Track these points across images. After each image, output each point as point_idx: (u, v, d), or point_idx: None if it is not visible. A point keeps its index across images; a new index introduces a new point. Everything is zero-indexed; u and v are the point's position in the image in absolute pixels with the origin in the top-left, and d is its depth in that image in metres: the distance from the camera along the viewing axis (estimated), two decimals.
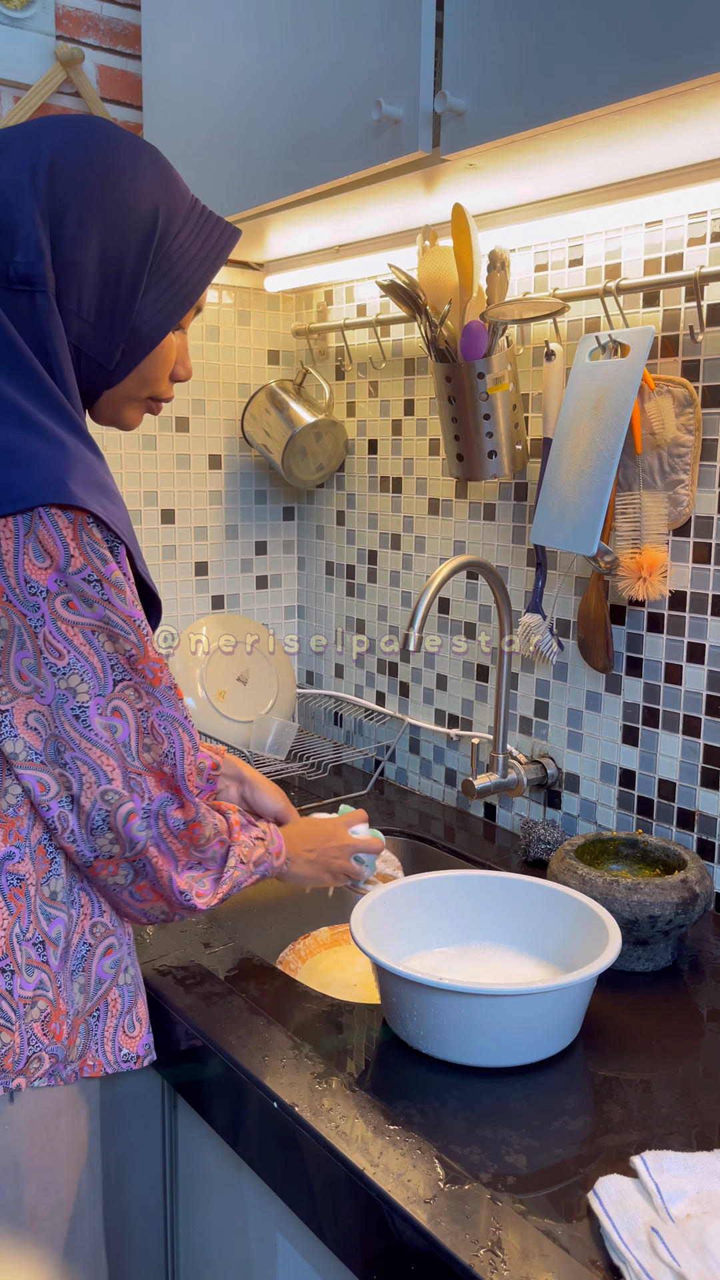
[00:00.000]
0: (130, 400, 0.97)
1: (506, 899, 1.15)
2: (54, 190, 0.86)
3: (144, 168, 0.90)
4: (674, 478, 1.29)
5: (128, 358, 0.93)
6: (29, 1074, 0.88)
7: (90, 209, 0.87)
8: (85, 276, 0.88)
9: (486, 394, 1.40)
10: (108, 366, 0.92)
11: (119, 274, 0.89)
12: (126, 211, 0.89)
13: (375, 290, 1.76)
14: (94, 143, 0.89)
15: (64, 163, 0.87)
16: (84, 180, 0.87)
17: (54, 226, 0.86)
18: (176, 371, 0.99)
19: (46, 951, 0.90)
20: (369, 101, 1.18)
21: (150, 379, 0.96)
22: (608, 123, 1.00)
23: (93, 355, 0.91)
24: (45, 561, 0.82)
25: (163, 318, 0.93)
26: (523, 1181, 0.81)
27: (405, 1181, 0.81)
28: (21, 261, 0.85)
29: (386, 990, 1.01)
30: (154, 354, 0.94)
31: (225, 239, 0.96)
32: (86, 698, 0.85)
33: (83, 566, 0.83)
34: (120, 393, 0.95)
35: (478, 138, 1.08)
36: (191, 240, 0.93)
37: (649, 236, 1.32)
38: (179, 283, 0.93)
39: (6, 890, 0.87)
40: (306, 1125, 0.88)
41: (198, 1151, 1.11)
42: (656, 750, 1.37)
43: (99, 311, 0.89)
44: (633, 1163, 0.81)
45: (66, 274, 0.87)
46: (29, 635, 0.83)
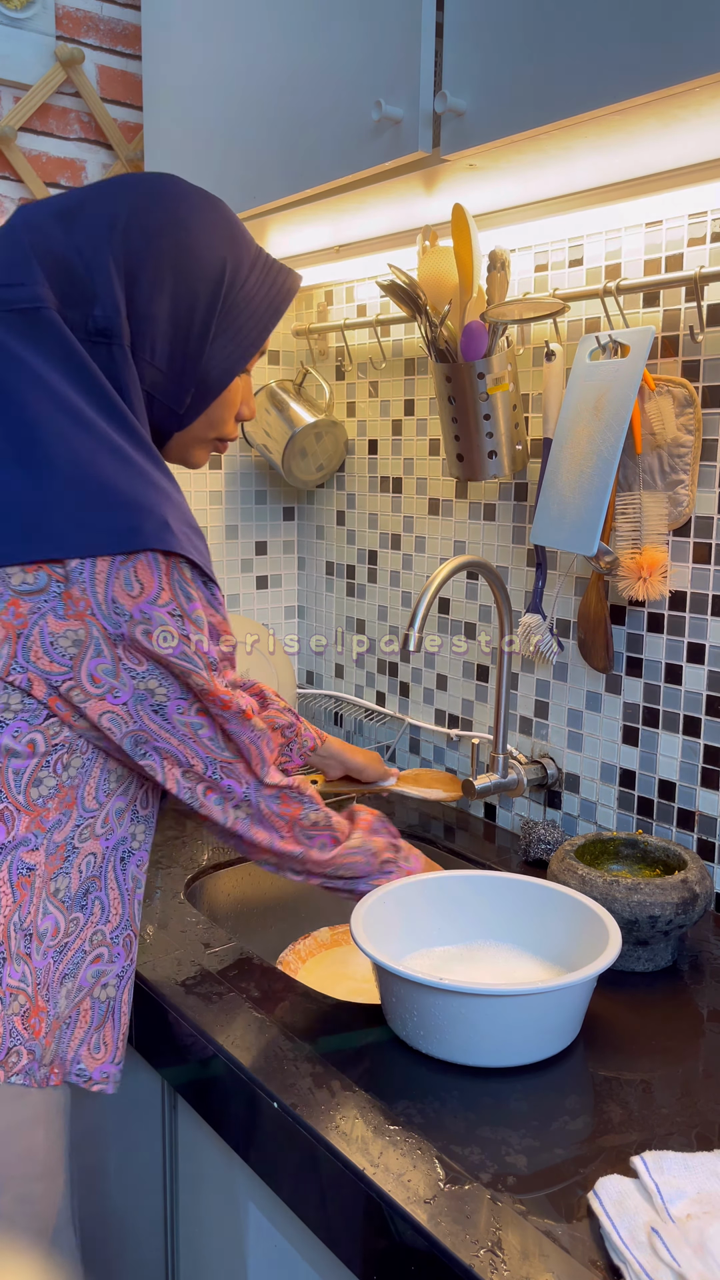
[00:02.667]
0: (198, 441, 1.02)
1: (507, 899, 1.15)
2: (129, 249, 0.92)
3: (211, 222, 0.96)
4: (674, 478, 1.29)
5: (197, 402, 0.98)
6: (7, 1067, 0.89)
7: (163, 265, 0.93)
8: (158, 328, 0.93)
9: (486, 394, 1.39)
10: (178, 411, 0.97)
11: (189, 324, 0.95)
12: (196, 265, 0.94)
13: (375, 290, 1.76)
14: (165, 201, 0.94)
15: (138, 222, 0.92)
16: (157, 238, 0.93)
17: (129, 283, 0.92)
18: (241, 411, 1.04)
19: (32, 945, 0.91)
20: (369, 102, 1.18)
21: (217, 421, 1.02)
22: (608, 123, 1.00)
23: (164, 400, 0.96)
24: (135, 590, 0.87)
25: (230, 363, 0.98)
26: (523, 1182, 0.81)
27: (405, 1181, 0.81)
28: (100, 315, 0.91)
29: (386, 990, 1.01)
30: (221, 397, 1.00)
31: (288, 285, 1.01)
32: (165, 699, 0.91)
33: (169, 601, 0.88)
34: (189, 435, 1.01)
35: (478, 138, 1.08)
36: (256, 288, 0.98)
37: (649, 236, 1.32)
38: (245, 330, 0.97)
39: (15, 877, 0.90)
40: (306, 1125, 0.88)
41: (198, 1151, 1.11)
42: (656, 750, 1.37)
43: (170, 360, 0.95)
44: (633, 1163, 0.81)
45: (141, 326, 0.92)
46: (108, 644, 0.88)
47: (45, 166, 1.70)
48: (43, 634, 0.86)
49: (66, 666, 0.88)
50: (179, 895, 1.32)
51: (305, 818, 1.03)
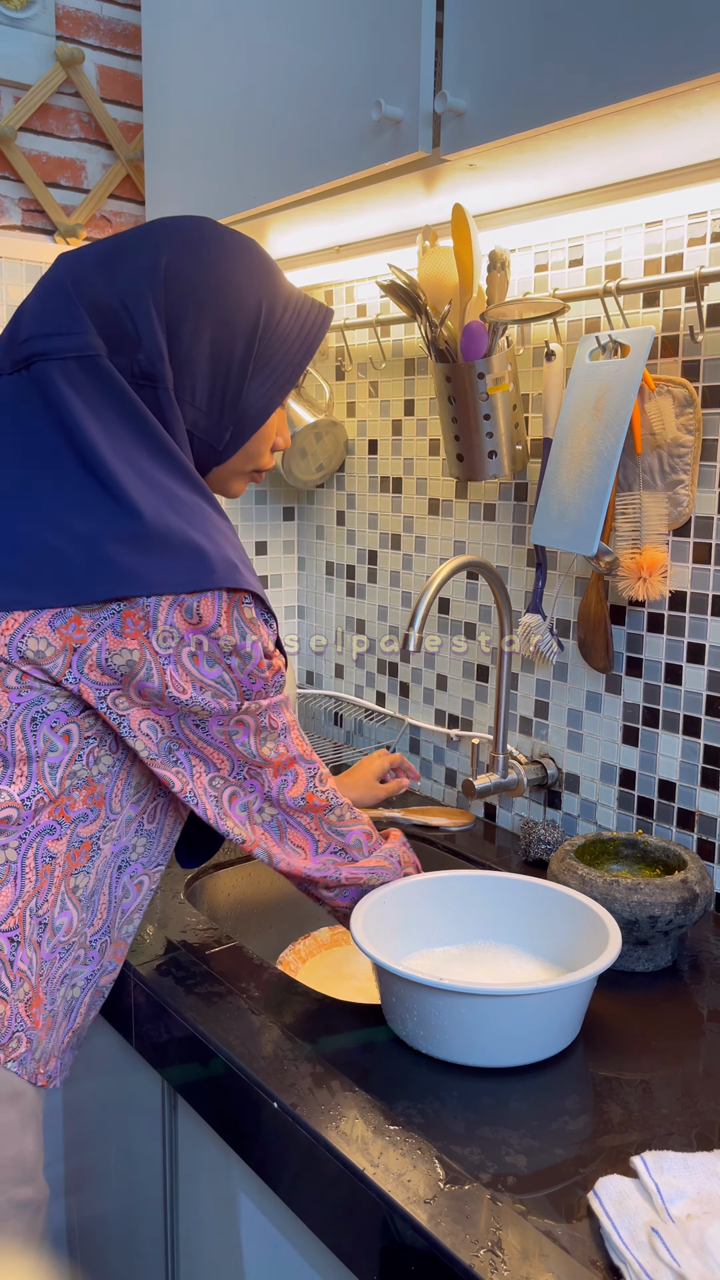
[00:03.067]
0: (236, 474, 1.06)
1: (506, 899, 1.15)
2: (170, 298, 0.95)
3: (248, 266, 0.99)
4: (674, 478, 1.29)
5: (236, 438, 1.01)
6: (7, 1051, 0.91)
7: (203, 312, 0.96)
8: (199, 371, 0.96)
9: (486, 394, 1.39)
10: (218, 447, 1.01)
11: (228, 366, 0.98)
12: (233, 309, 0.97)
13: (375, 290, 1.76)
14: (202, 248, 0.97)
15: (177, 271, 0.95)
16: (195, 286, 0.96)
17: (170, 330, 0.95)
18: (276, 442, 1.07)
19: (44, 935, 0.94)
20: (369, 102, 1.18)
21: (255, 454, 1.05)
22: (608, 123, 1.00)
23: (205, 438, 0.99)
24: (194, 619, 0.90)
25: (267, 400, 1.01)
26: (523, 1182, 0.81)
27: (405, 1182, 0.81)
28: (144, 360, 0.94)
29: (386, 990, 1.01)
30: (259, 432, 1.03)
31: (321, 321, 1.04)
32: (206, 717, 0.94)
33: (225, 635, 0.92)
34: (228, 468, 1.04)
35: (478, 138, 1.08)
36: (290, 327, 1.01)
37: (649, 237, 1.32)
38: (281, 368, 1.01)
39: (39, 863, 0.93)
40: (306, 1125, 0.88)
41: (198, 1151, 1.11)
42: (656, 750, 1.37)
43: (210, 400, 0.98)
44: (633, 1163, 0.81)
45: (182, 370, 0.96)
46: (158, 671, 0.90)
47: (45, 166, 1.70)
48: (100, 650, 0.89)
49: (117, 680, 0.91)
50: (179, 895, 1.32)
51: (331, 812, 1.05)
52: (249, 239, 1.01)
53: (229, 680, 0.93)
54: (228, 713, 0.95)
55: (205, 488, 0.95)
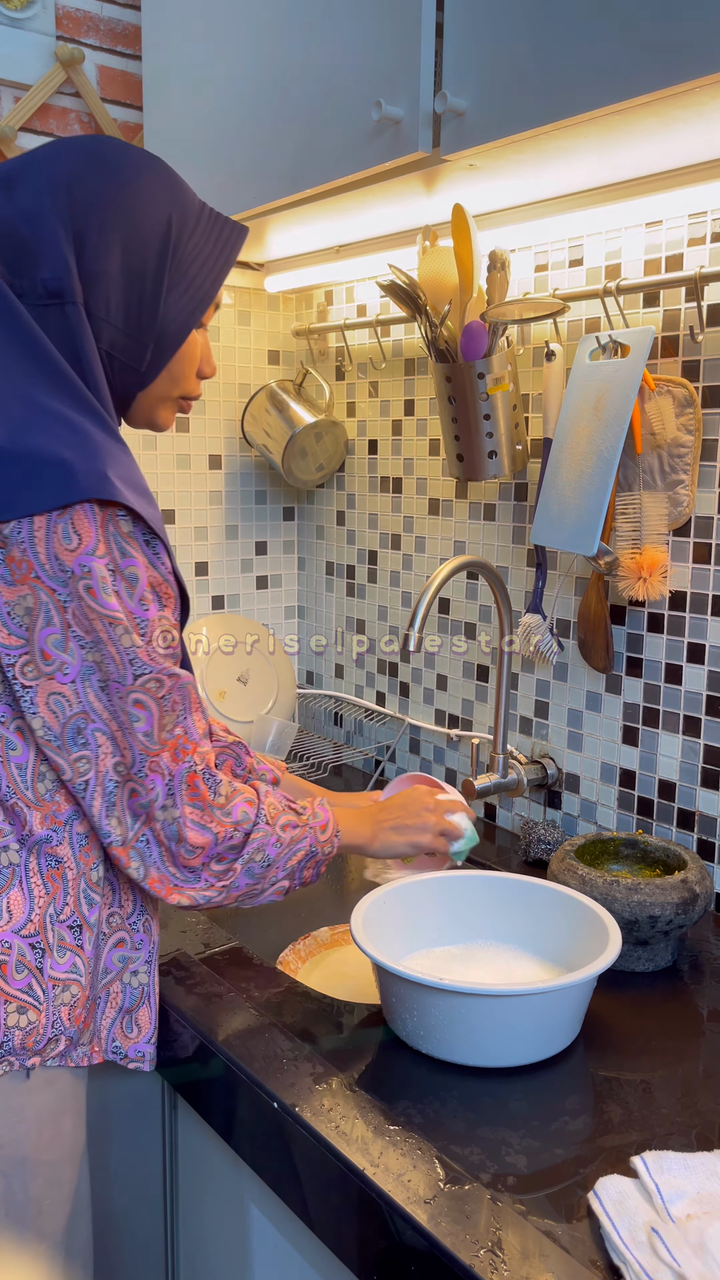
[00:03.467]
0: (163, 400, 1.02)
1: (507, 899, 1.15)
2: (74, 207, 0.92)
3: (154, 178, 0.96)
4: (674, 478, 1.29)
5: (157, 358, 0.98)
6: (45, 1055, 0.92)
7: (110, 221, 0.93)
8: (111, 284, 0.93)
9: (486, 394, 1.39)
10: (139, 368, 0.98)
11: (142, 278, 0.95)
12: (143, 220, 0.94)
13: (375, 290, 1.76)
14: (106, 160, 0.94)
15: (81, 181, 0.93)
16: (101, 195, 0.93)
17: (77, 240, 0.92)
18: (202, 368, 1.05)
19: (83, 936, 0.94)
20: (369, 102, 1.18)
21: (180, 377, 1.02)
22: (608, 123, 1.00)
23: (124, 359, 0.96)
24: (73, 543, 0.86)
25: (186, 315, 0.98)
26: (523, 1182, 0.81)
27: (405, 1182, 0.81)
28: (49, 277, 0.91)
29: (387, 990, 1.01)
30: (181, 352, 1.00)
31: (235, 237, 1.02)
32: (108, 677, 0.89)
33: (105, 554, 0.87)
34: (153, 394, 1.01)
35: (478, 138, 1.08)
36: (204, 241, 0.99)
37: (649, 237, 1.32)
38: (198, 281, 0.98)
39: (45, 871, 0.92)
40: (306, 1125, 0.88)
41: (198, 1151, 1.11)
42: (656, 750, 1.37)
43: (126, 316, 0.95)
44: (633, 1163, 0.81)
45: (93, 284, 0.93)
46: (57, 611, 0.87)
47: None
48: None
49: (23, 639, 0.87)
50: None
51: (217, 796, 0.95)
52: (156, 156, 0.99)
53: (121, 615, 0.88)
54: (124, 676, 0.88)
55: (99, 412, 0.91)
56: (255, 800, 0.98)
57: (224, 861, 0.95)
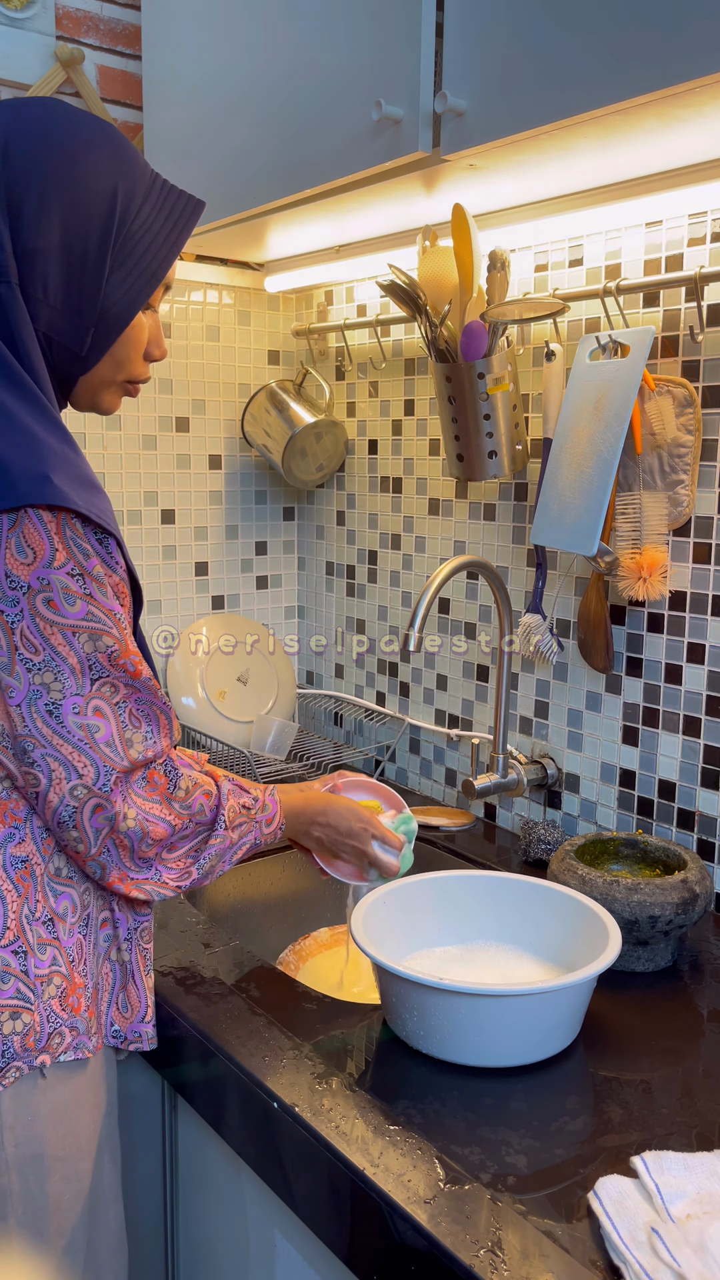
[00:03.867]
0: (106, 385, 0.97)
1: (507, 899, 1.15)
2: (10, 176, 0.85)
3: (101, 147, 0.89)
4: (674, 478, 1.29)
5: (99, 342, 0.92)
6: (52, 1050, 0.90)
7: (49, 192, 0.86)
8: (49, 262, 0.87)
9: (486, 394, 1.39)
10: (80, 352, 0.92)
11: (83, 257, 0.88)
12: (86, 192, 0.88)
13: (375, 290, 1.76)
14: (48, 124, 0.88)
15: (18, 147, 0.86)
16: (40, 163, 0.86)
17: (12, 214, 0.86)
18: (150, 351, 0.98)
19: (57, 928, 0.91)
20: (369, 102, 1.18)
21: (124, 361, 0.95)
22: (608, 123, 1.00)
23: (64, 342, 0.91)
24: (28, 557, 0.82)
25: (130, 298, 0.92)
26: (523, 1182, 0.81)
27: (405, 1182, 0.81)
28: None
29: (387, 990, 1.01)
30: (125, 336, 0.94)
31: (189, 212, 0.95)
32: (60, 695, 0.85)
33: (66, 561, 0.83)
34: (96, 378, 0.95)
35: (478, 138, 1.08)
36: (154, 216, 0.92)
37: (649, 237, 1.32)
38: (144, 261, 0.92)
39: (12, 873, 0.89)
40: (307, 1125, 0.88)
41: (198, 1151, 1.11)
42: (656, 750, 1.37)
43: (65, 297, 0.89)
44: (633, 1163, 0.81)
45: (30, 261, 0.86)
46: (4, 632, 0.83)
47: None
48: None
49: None
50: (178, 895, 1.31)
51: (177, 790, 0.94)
52: (106, 123, 0.92)
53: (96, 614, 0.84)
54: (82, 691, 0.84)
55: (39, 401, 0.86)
56: (214, 794, 0.96)
57: (176, 851, 0.94)
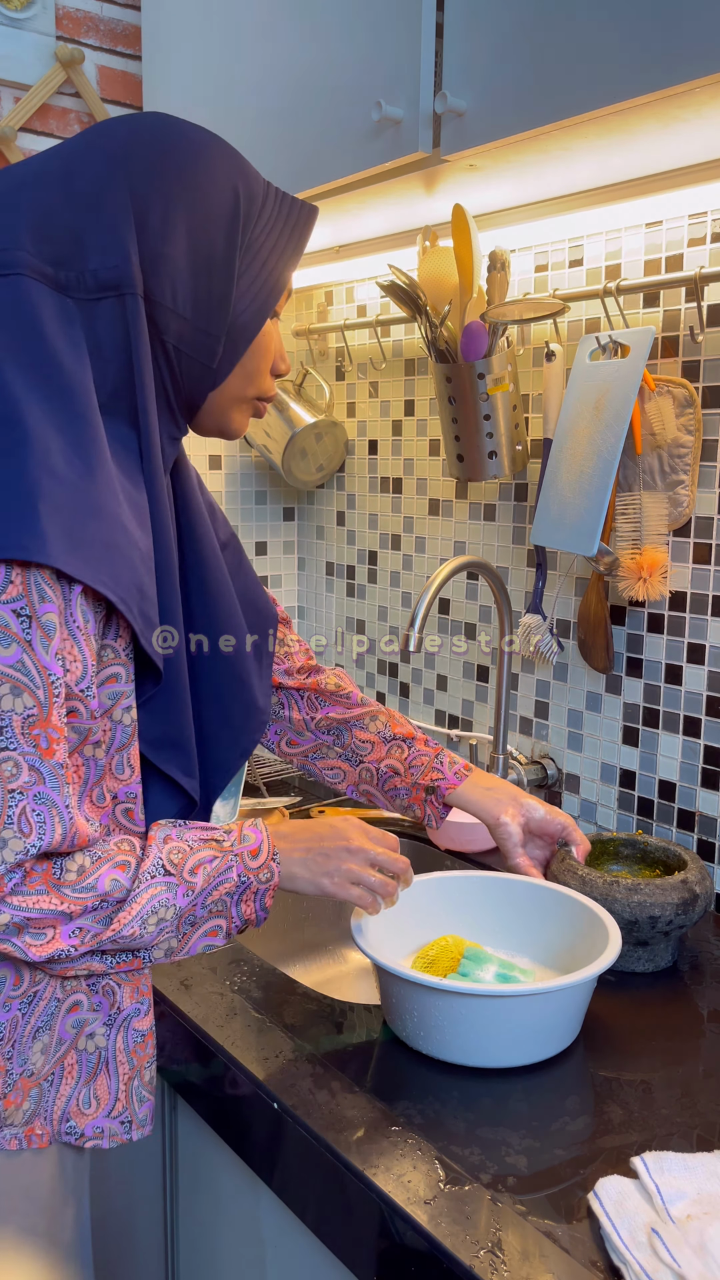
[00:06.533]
0: (237, 401, 0.93)
1: (506, 900, 1.15)
2: (134, 188, 0.83)
3: (217, 148, 0.88)
4: (674, 478, 1.29)
5: (230, 353, 0.89)
6: None
7: (173, 197, 0.84)
8: (177, 269, 0.84)
9: (487, 394, 1.40)
10: (211, 364, 0.89)
11: (210, 261, 0.86)
12: (209, 196, 0.85)
13: (375, 291, 1.76)
14: (163, 132, 0.86)
15: (139, 157, 0.84)
16: (162, 170, 0.84)
17: (139, 222, 0.83)
18: (277, 365, 0.95)
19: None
20: (369, 102, 1.18)
21: (254, 374, 0.92)
22: (608, 123, 1.01)
23: (194, 355, 0.87)
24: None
25: (260, 303, 0.89)
26: (523, 1182, 0.81)
27: (405, 1182, 0.81)
28: (100, 268, 0.82)
29: (386, 991, 1.01)
30: (255, 345, 0.91)
31: (304, 217, 0.92)
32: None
33: (18, 597, 0.74)
34: (226, 393, 0.92)
35: (478, 138, 1.08)
36: (274, 219, 0.90)
37: (649, 237, 1.32)
38: (270, 264, 0.89)
39: None
40: (306, 1126, 0.88)
41: (197, 1152, 1.11)
42: (657, 751, 1.37)
43: (195, 305, 0.86)
44: (633, 1164, 0.81)
45: (156, 269, 0.84)
46: None
47: None
48: None
49: None
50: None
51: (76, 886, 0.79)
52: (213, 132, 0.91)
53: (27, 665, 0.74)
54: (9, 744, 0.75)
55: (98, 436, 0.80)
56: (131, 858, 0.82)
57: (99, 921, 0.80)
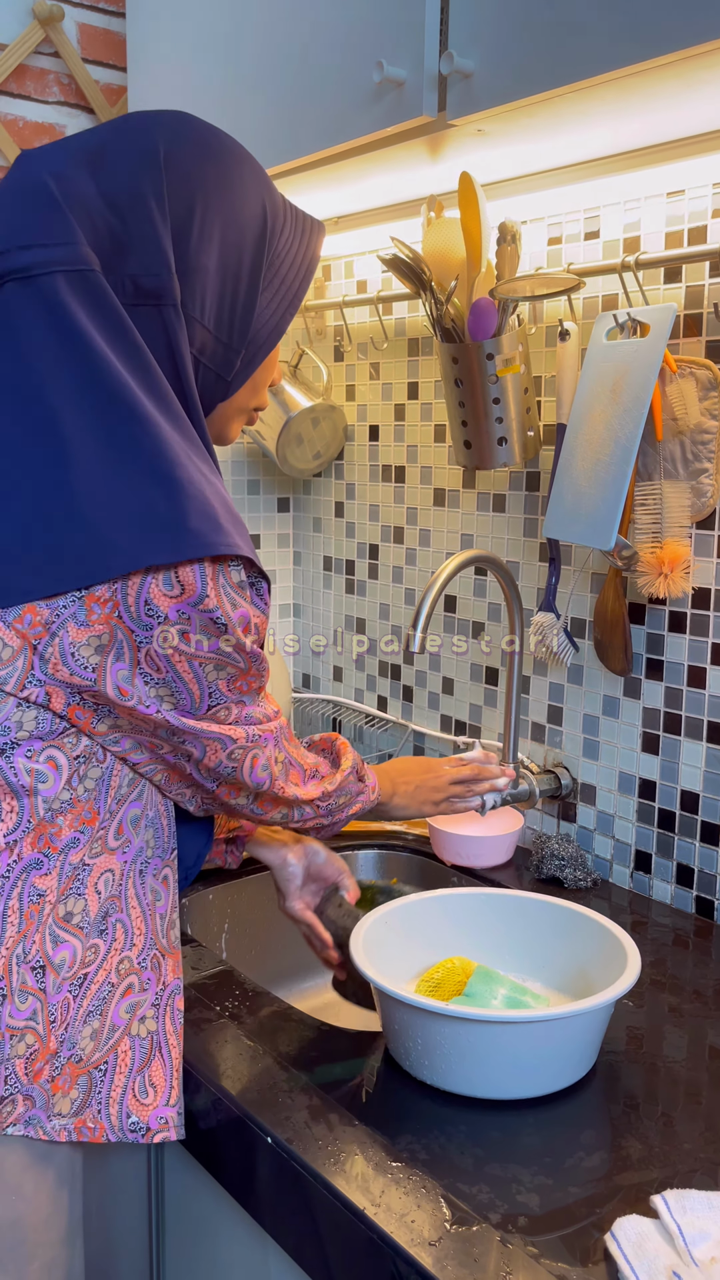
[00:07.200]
0: (241, 412, 0.98)
1: (518, 919, 1.15)
2: (173, 192, 0.86)
3: (246, 161, 0.92)
4: (697, 466, 1.29)
5: (245, 366, 0.94)
6: (1, 1117, 0.85)
7: (212, 209, 0.87)
8: (208, 281, 0.88)
9: (496, 376, 1.40)
10: (227, 377, 0.93)
11: (237, 276, 0.90)
12: (242, 209, 0.90)
13: (376, 265, 1.76)
14: (201, 139, 0.89)
15: (178, 162, 0.87)
16: (203, 179, 0.87)
17: (177, 231, 0.86)
18: (272, 376, 1.01)
19: (45, 978, 0.87)
20: (370, 62, 1.18)
21: (260, 386, 0.98)
22: (627, 85, 1.00)
23: (211, 366, 0.91)
24: (175, 591, 0.82)
25: (277, 320, 0.94)
26: (535, 1222, 0.81)
27: (409, 1222, 0.81)
28: (142, 274, 0.85)
29: (388, 1016, 1.01)
30: (267, 360, 0.96)
31: (314, 232, 0.98)
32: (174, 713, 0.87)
33: (215, 607, 0.84)
34: (233, 405, 0.96)
35: (486, 101, 1.08)
36: (293, 235, 0.95)
37: (670, 207, 1.32)
38: (288, 281, 0.94)
39: (25, 904, 0.86)
40: (302, 1162, 0.88)
41: (185, 1192, 1.11)
42: (679, 759, 1.37)
43: (219, 318, 0.90)
44: (653, 1202, 0.81)
45: (190, 280, 0.87)
46: (130, 648, 0.83)
47: (22, 132, 1.70)
48: (62, 644, 0.82)
49: (90, 679, 0.83)
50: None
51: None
52: None
53: (226, 652, 0.86)
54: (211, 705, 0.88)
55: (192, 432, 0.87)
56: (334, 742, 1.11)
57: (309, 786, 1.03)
